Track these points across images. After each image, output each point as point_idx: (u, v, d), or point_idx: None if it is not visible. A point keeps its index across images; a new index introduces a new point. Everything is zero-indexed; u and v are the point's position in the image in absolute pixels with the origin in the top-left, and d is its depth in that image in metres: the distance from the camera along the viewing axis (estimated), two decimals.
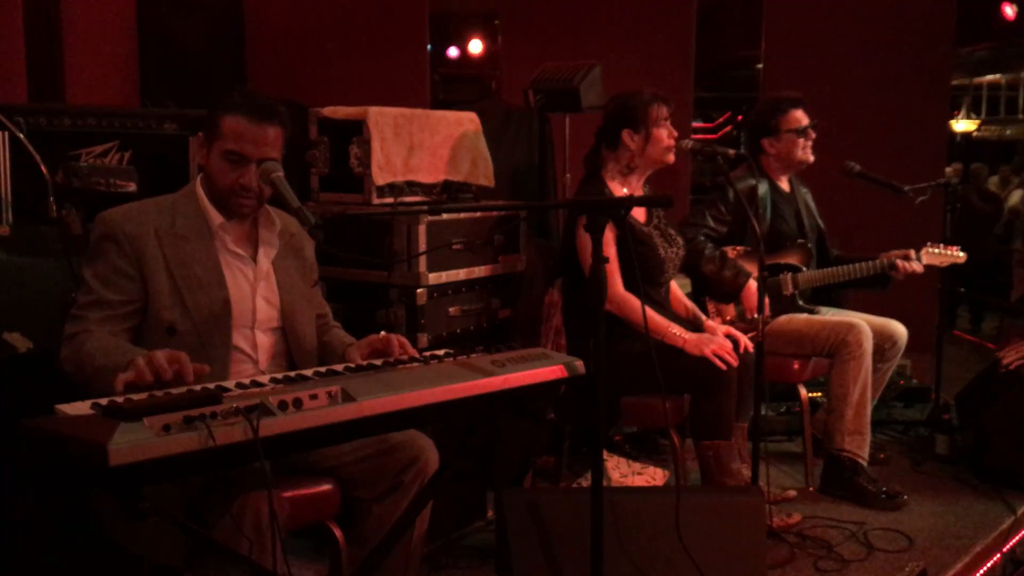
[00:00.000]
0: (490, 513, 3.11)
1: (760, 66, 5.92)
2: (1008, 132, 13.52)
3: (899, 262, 3.51)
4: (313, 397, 1.71)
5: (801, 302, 3.57)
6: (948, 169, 8.42)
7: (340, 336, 2.39)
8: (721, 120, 13.15)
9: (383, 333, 2.21)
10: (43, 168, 2.51)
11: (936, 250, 3.58)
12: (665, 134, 3.04)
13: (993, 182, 9.52)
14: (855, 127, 5.01)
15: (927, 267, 3.57)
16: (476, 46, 9.36)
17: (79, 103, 3.77)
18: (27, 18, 3.67)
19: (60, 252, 2.46)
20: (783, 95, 3.60)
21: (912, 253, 3.54)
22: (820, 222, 3.73)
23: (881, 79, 5.41)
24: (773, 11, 5.61)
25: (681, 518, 2.24)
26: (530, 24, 5.58)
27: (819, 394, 3.98)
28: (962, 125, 11.95)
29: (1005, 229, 8.28)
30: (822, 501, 3.37)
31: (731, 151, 3.01)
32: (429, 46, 5.97)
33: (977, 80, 12.69)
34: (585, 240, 2.90)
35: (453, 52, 9.48)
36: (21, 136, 2.52)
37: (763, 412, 3.06)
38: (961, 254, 3.61)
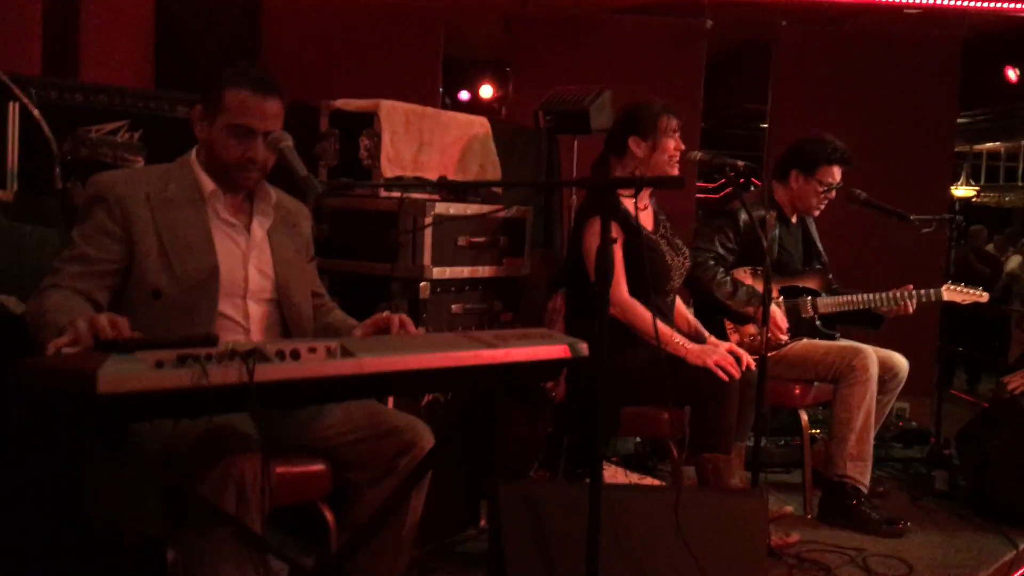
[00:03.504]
0: (483, 521, 3.04)
1: (765, 125, 5.99)
2: (1007, 199, 13.67)
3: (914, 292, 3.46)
4: (312, 350, 1.68)
5: (819, 323, 3.53)
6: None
7: (343, 318, 2.35)
8: (722, 181, 13.25)
9: (386, 312, 2.17)
10: (51, 140, 2.50)
11: (958, 287, 3.52)
12: (672, 145, 3.04)
13: (990, 248, 9.56)
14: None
15: (947, 303, 3.52)
16: (487, 91, 9.50)
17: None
18: None
19: (61, 222, 2.43)
20: (839, 146, 3.53)
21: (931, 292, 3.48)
22: (824, 256, 3.72)
23: (885, 143, 5.46)
24: (779, 71, 5.70)
25: (681, 516, 2.18)
26: (539, 73, 5.66)
27: (818, 431, 3.93)
28: (962, 191, 12.08)
29: (1002, 292, 8.28)
30: (821, 528, 3.30)
31: (740, 163, 3.00)
32: (441, 89, 6.06)
33: (977, 147, 12.87)
34: (592, 242, 2.88)
35: (464, 95, 9.63)
36: (32, 107, 2.51)
37: (762, 444, 3.01)
38: (984, 293, 3.55)
